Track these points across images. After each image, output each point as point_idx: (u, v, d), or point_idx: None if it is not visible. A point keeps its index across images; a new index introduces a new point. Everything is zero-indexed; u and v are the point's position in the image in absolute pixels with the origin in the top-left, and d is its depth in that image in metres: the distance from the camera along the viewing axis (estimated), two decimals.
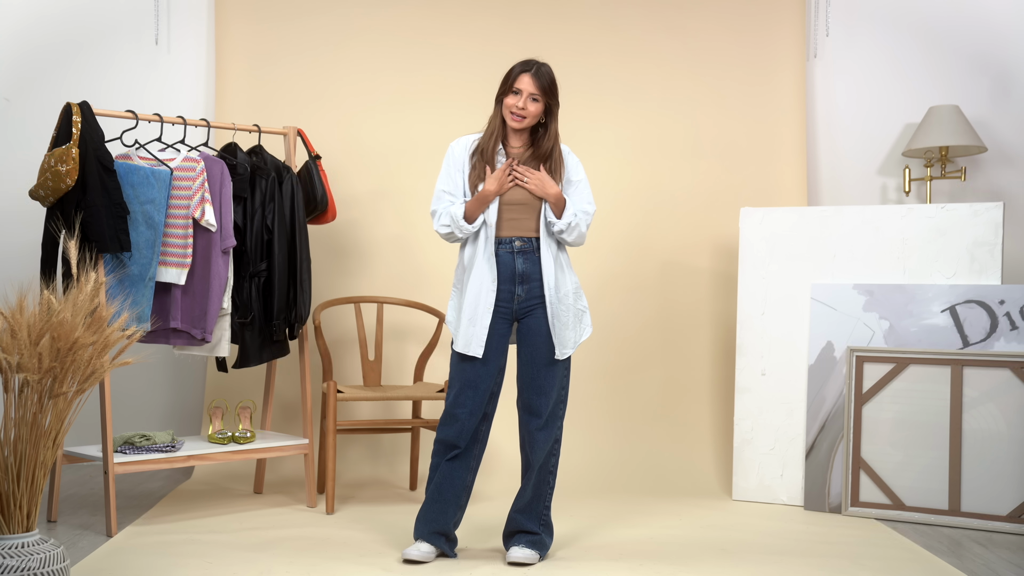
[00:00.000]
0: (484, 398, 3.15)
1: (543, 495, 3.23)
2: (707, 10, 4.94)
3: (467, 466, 3.19)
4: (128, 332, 2.76)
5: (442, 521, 3.17)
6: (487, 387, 3.16)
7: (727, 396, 4.70)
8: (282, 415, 4.65)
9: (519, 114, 3.13)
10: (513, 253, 3.15)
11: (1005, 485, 3.79)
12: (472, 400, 3.14)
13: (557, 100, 3.17)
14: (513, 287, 3.15)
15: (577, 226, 3.14)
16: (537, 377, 3.16)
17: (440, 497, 3.16)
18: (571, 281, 3.21)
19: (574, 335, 3.20)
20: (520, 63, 3.16)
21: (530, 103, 3.12)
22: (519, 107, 3.12)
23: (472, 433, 3.16)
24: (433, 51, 4.86)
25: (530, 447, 3.20)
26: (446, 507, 3.16)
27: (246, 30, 4.81)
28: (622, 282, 4.83)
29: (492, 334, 3.14)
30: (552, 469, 3.23)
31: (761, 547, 3.44)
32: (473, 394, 3.14)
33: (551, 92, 3.15)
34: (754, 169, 4.87)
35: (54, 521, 3.65)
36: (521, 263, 3.15)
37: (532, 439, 3.19)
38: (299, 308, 3.93)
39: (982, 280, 3.98)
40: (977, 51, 4.75)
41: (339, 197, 4.62)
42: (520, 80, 3.12)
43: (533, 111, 3.13)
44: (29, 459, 2.59)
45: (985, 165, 4.74)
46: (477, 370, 3.14)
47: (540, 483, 3.22)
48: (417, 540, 3.18)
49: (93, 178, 3.48)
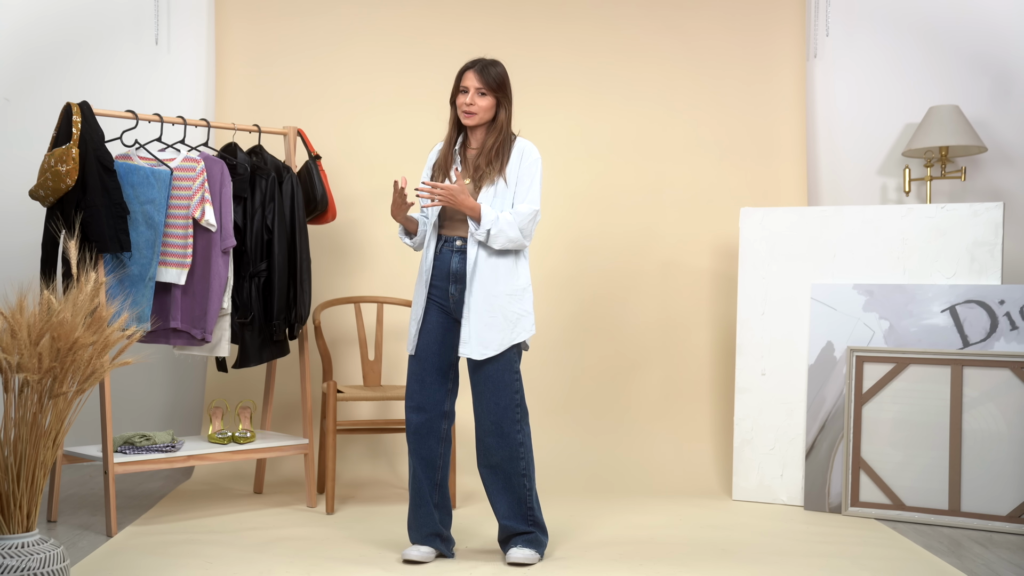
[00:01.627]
0: (430, 395, 3.17)
1: (523, 498, 3.18)
2: (707, 10, 4.94)
3: (434, 465, 3.19)
4: (128, 332, 2.76)
5: (430, 523, 3.18)
6: (431, 383, 3.17)
7: (727, 396, 4.70)
8: (282, 415, 4.65)
9: (468, 111, 3.16)
10: (452, 252, 3.18)
11: (1005, 485, 3.79)
12: (417, 396, 3.17)
13: (507, 95, 3.18)
14: (447, 285, 3.18)
15: (501, 232, 3.08)
16: (475, 382, 3.17)
17: (420, 500, 3.18)
18: (511, 284, 3.14)
19: (500, 337, 3.11)
20: (467, 62, 3.20)
21: (477, 98, 3.15)
22: (467, 103, 3.15)
23: (428, 431, 3.17)
24: (433, 51, 4.86)
25: (482, 452, 3.18)
26: (428, 509, 3.18)
27: (246, 30, 4.81)
28: (622, 282, 4.83)
29: (429, 331, 3.18)
30: (524, 472, 3.17)
31: (761, 547, 3.44)
32: (418, 389, 3.18)
33: (499, 87, 3.16)
34: (754, 169, 4.87)
35: (54, 521, 3.65)
36: (456, 262, 3.17)
37: (482, 444, 3.18)
38: (299, 308, 3.93)
39: (982, 280, 3.98)
40: (977, 51, 4.75)
41: (339, 197, 4.62)
42: (465, 78, 3.17)
43: (483, 105, 3.16)
44: (29, 459, 2.59)
45: (985, 165, 4.74)
46: (419, 367, 3.19)
47: (515, 486, 3.17)
48: (414, 544, 3.19)
49: (93, 178, 3.48)
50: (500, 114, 3.18)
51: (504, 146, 3.18)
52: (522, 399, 3.17)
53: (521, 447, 3.16)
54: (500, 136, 3.18)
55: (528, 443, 3.18)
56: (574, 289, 4.81)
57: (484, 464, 3.19)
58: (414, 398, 3.19)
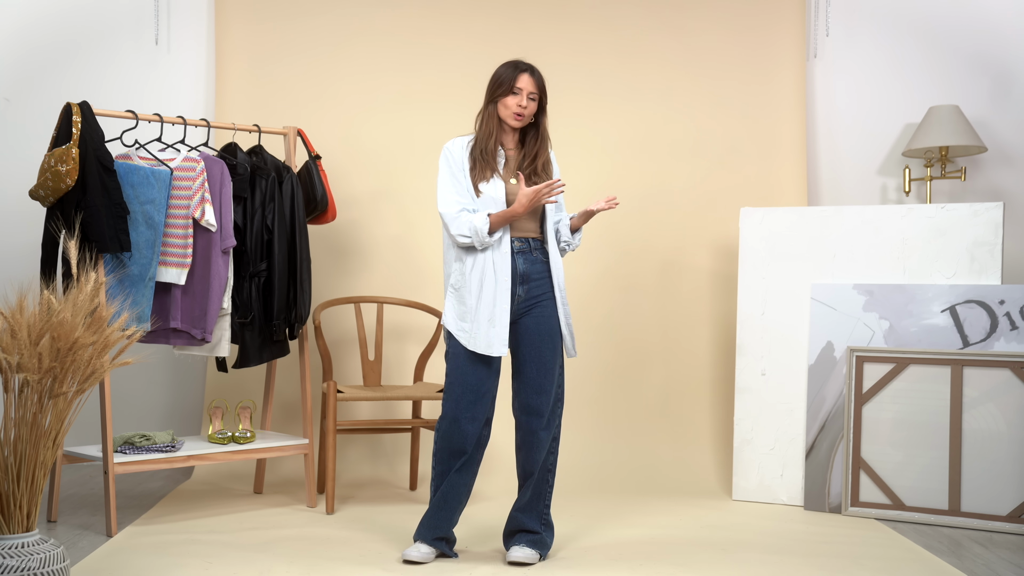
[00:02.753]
0: (488, 402, 3.15)
1: (543, 494, 3.23)
2: (707, 10, 4.94)
3: (473, 472, 3.19)
4: (128, 332, 2.76)
5: (446, 527, 3.18)
6: (490, 389, 3.15)
7: (727, 396, 4.70)
8: (282, 415, 4.65)
9: (521, 113, 3.15)
10: (513, 254, 3.15)
11: (1005, 485, 3.79)
12: (476, 405, 3.12)
13: (546, 99, 3.24)
14: (515, 288, 3.16)
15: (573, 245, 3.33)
16: (538, 377, 3.16)
17: (446, 505, 3.16)
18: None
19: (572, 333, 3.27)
20: (512, 64, 3.19)
21: (530, 102, 3.17)
22: (522, 106, 3.14)
23: (477, 439, 3.15)
24: (433, 51, 4.86)
25: (532, 448, 3.18)
26: (452, 514, 3.17)
27: (246, 30, 4.81)
28: (622, 282, 4.83)
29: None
30: (551, 467, 3.24)
31: (761, 547, 3.44)
32: (477, 399, 3.11)
33: (544, 91, 3.22)
34: (754, 169, 4.87)
35: (54, 521, 3.65)
36: (522, 263, 3.16)
37: (535, 439, 3.17)
38: (299, 308, 3.93)
39: (982, 280, 3.98)
40: (977, 51, 4.75)
41: (339, 197, 4.62)
42: (520, 79, 3.15)
43: (532, 110, 3.18)
44: (29, 459, 2.59)
45: (985, 165, 4.74)
46: (483, 372, 3.12)
47: (540, 482, 3.22)
48: (417, 542, 3.18)
49: (93, 178, 3.48)
50: (542, 118, 3.23)
51: (544, 148, 3.25)
52: (562, 394, 3.25)
53: (555, 441, 3.24)
54: (543, 139, 3.24)
55: (559, 437, 3.25)
56: (574, 289, 4.80)
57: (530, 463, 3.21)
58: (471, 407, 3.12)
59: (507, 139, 3.23)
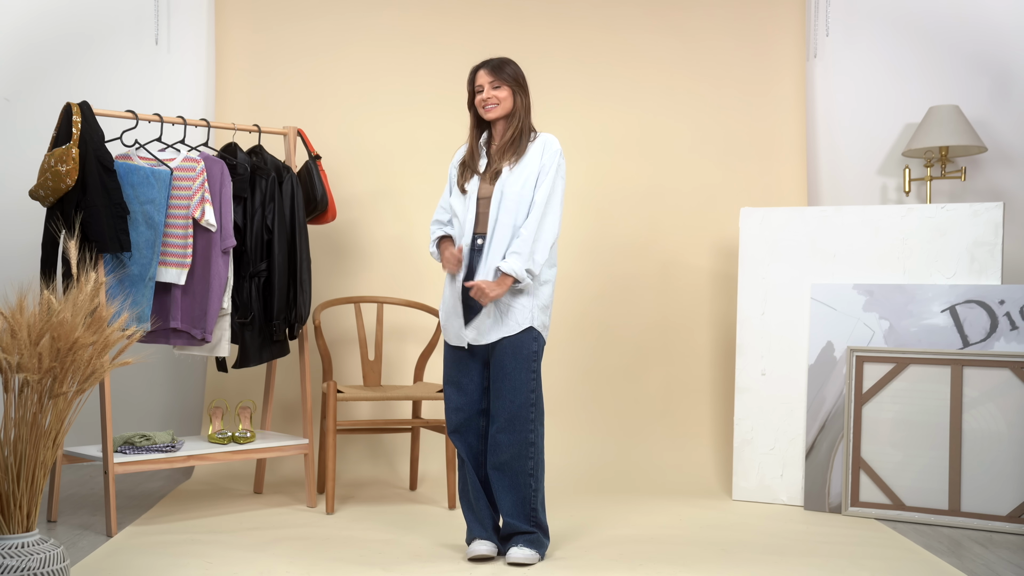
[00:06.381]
0: (470, 394, 3.25)
1: (527, 498, 3.18)
2: (707, 10, 4.94)
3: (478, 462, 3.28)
4: (128, 332, 2.76)
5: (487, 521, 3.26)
6: (468, 384, 3.25)
7: (727, 396, 4.70)
8: (282, 415, 4.65)
9: (487, 104, 3.23)
10: (473, 251, 3.23)
11: (1005, 485, 3.79)
12: (458, 396, 3.25)
13: (521, 85, 3.25)
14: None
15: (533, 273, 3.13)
16: (495, 382, 3.19)
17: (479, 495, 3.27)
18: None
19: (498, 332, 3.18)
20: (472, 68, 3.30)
21: (493, 91, 3.22)
22: (484, 98, 3.23)
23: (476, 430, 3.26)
24: (433, 52, 4.86)
25: (491, 449, 3.18)
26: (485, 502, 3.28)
27: (246, 30, 4.81)
28: (622, 282, 4.83)
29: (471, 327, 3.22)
30: (532, 471, 3.17)
31: (761, 547, 3.44)
32: (457, 389, 3.26)
33: (511, 78, 3.23)
34: (754, 169, 4.87)
35: (54, 521, 3.65)
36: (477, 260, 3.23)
37: (493, 441, 3.18)
38: (299, 308, 3.93)
39: (982, 280, 3.98)
40: (977, 51, 4.75)
41: (339, 197, 4.62)
42: (477, 78, 3.27)
43: (501, 96, 3.23)
44: (29, 459, 2.59)
45: (985, 165, 4.74)
46: (462, 365, 3.25)
47: (520, 486, 3.17)
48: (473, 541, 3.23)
49: (93, 178, 3.48)
50: (517, 102, 3.23)
51: (523, 135, 3.23)
52: (538, 399, 3.18)
53: (531, 447, 3.17)
54: (518, 125, 3.23)
55: (540, 444, 3.19)
56: (574, 289, 4.81)
57: (492, 465, 3.20)
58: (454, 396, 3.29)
59: (497, 132, 3.30)
